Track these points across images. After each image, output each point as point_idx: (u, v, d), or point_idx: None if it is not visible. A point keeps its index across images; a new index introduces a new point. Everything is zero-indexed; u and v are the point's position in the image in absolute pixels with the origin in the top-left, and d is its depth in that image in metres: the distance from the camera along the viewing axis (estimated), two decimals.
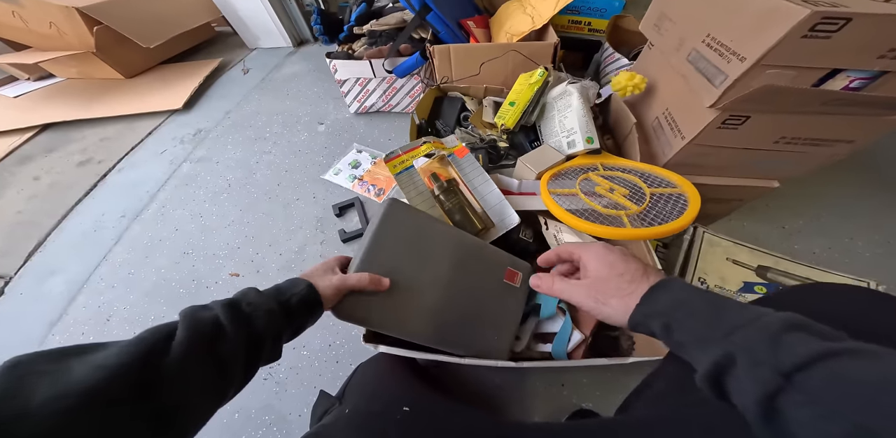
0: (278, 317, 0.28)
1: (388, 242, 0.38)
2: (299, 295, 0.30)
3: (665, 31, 0.61)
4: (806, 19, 0.33)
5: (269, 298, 0.29)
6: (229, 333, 0.25)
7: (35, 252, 0.87)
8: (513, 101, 0.65)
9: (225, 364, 0.24)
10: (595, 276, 0.27)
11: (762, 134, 0.50)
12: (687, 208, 0.41)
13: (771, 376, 0.16)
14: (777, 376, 0.16)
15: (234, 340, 0.25)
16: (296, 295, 0.30)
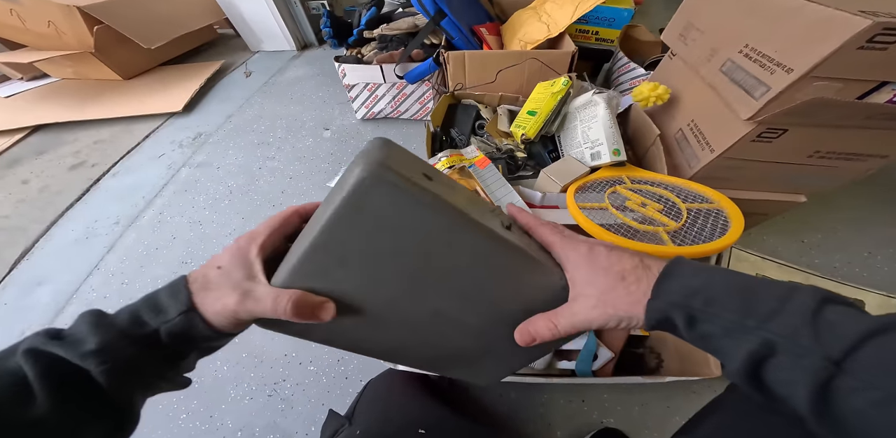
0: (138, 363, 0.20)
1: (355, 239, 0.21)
2: (168, 326, 0.20)
3: (692, 41, 0.59)
4: (866, 30, 0.32)
5: (115, 335, 0.20)
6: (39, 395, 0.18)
7: (21, 260, 0.82)
8: (532, 110, 0.63)
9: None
10: (594, 291, 0.22)
11: (797, 148, 0.48)
12: (730, 225, 0.38)
13: (821, 364, 0.15)
14: (828, 363, 0.15)
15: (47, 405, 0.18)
16: (165, 324, 0.20)
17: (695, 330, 0.19)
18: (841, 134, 0.45)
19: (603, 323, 0.21)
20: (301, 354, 0.63)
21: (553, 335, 0.23)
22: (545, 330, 0.23)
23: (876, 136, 0.45)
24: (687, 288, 0.19)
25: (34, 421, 0.17)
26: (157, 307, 0.21)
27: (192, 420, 0.56)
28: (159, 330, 0.20)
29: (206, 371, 0.61)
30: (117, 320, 0.20)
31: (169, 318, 0.20)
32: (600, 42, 1.09)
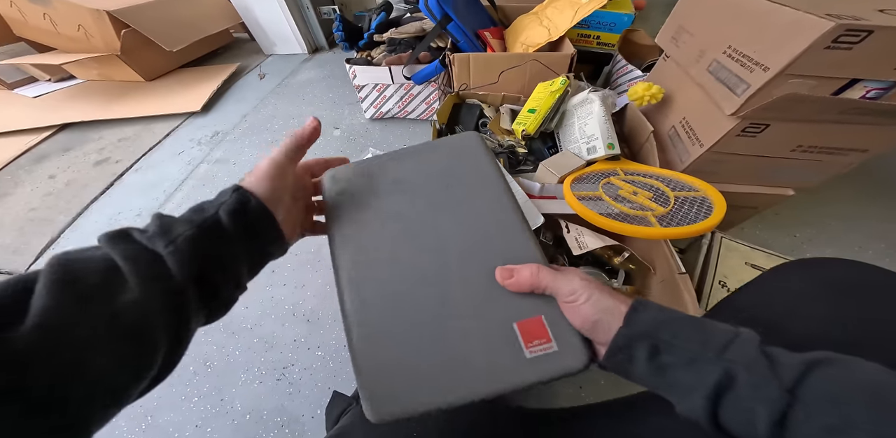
0: (204, 245, 0.20)
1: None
2: (226, 206, 0.21)
3: (683, 43, 0.63)
4: (830, 31, 0.35)
5: (183, 222, 0.20)
6: (130, 279, 0.17)
7: (47, 249, 0.87)
8: (532, 108, 0.66)
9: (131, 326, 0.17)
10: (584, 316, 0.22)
11: (780, 142, 0.51)
12: (713, 210, 0.41)
13: (778, 394, 0.16)
14: (784, 392, 0.16)
15: (141, 288, 0.17)
16: (222, 206, 0.21)
17: (655, 361, 0.19)
18: (820, 128, 0.48)
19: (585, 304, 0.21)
20: (310, 340, 0.66)
21: (530, 279, 0.23)
22: (526, 269, 0.23)
23: (854, 131, 0.48)
24: (656, 320, 0.20)
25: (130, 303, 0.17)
26: (215, 199, 0.23)
27: (204, 402, 0.59)
28: (218, 212, 0.21)
29: (219, 356, 0.64)
30: (182, 213, 0.22)
31: (224, 199, 0.22)
32: (601, 46, 1.13)
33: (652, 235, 0.39)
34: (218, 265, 0.21)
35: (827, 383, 0.16)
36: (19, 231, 0.91)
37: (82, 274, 0.17)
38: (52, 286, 0.16)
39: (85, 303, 0.16)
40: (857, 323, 0.23)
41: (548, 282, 0.23)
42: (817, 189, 0.79)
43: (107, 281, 0.17)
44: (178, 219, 0.21)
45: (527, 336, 0.23)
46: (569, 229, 0.53)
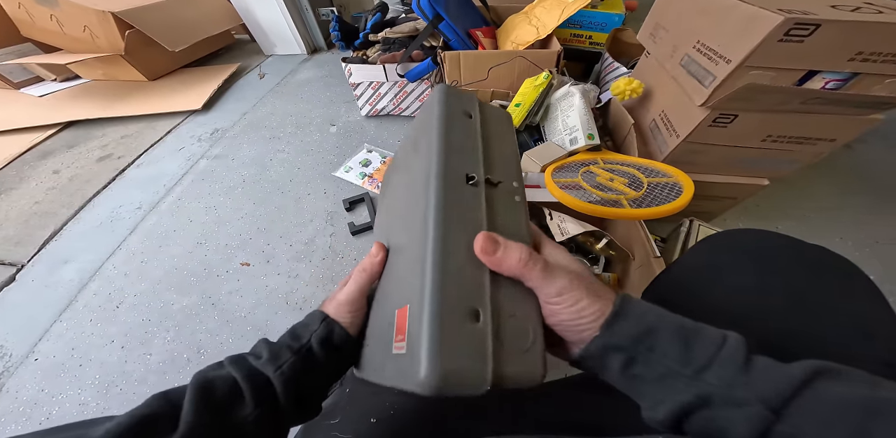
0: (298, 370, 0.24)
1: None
2: (317, 335, 0.25)
3: (660, 39, 0.66)
4: (780, 25, 0.38)
5: (286, 349, 0.24)
6: (247, 396, 0.22)
7: (50, 241, 0.89)
8: (519, 103, 0.69)
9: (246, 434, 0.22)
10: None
11: (750, 132, 0.54)
12: (682, 192, 0.44)
13: (760, 413, 0.15)
14: (767, 412, 0.15)
15: (252, 404, 0.22)
16: (314, 334, 0.25)
17: (628, 371, 0.19)
18: (787, 119, 0.51)
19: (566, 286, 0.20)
20: None
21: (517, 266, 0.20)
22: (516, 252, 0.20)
23: (820, 121, 0.50)
24: (636, 330, 0.19)
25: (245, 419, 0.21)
26: (306, 324, 0.26)
27: None
28: (311, 339, 0.25)
29: (212, 344, 0.66)
30: (281, 338, 0.26)
31: (315, 328, 0.26)
32: (593, 45, 1.16)
33: (624, 216, 0.42)
34: (313, 382, 0.25)
35: (820, 402, 0.15)
36: (24, 224, 0.94)
37: (216, 392, 0.22)
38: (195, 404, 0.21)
39: (216, 415, 0.21)
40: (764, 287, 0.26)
41: (535, 279, 0.20)
42: (797, 181, 0.82)
43: (232, 397, 0.22)
44: (282, 346, 0.25)
45: (399, 326, 0.20)
46: (552, 216, 0.56)
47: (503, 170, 0.24)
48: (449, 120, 0.25)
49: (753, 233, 0.29)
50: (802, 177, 0.62)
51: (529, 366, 0.18)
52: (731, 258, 0.28)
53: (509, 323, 0.19)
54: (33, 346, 0.68)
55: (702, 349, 0.18)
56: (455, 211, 0.21)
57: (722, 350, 0.17)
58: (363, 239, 0.82)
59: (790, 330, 0.24)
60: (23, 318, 0.73)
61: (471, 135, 0.25)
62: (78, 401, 0.59)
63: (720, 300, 0.27)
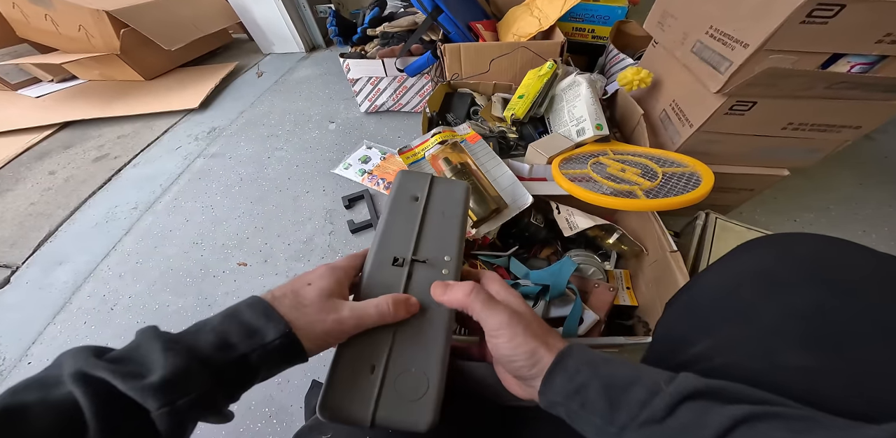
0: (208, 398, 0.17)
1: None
2: (266, 350, 0.19)
3: (668, 27, 0.63)
4: (803, 5, 0.35)
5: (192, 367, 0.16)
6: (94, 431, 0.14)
7: (45, 242, 0.87)
8: (522, 94, 0.67)
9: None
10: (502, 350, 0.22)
11: (770, 120, 0.51)
12: (701, 182, 0.41)
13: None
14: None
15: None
16: (260, 348, 0.19)
17: (575, 425, 0.20)
18: (809, 105, 0.48)
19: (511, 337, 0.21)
20: None
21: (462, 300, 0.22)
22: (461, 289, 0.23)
23: (845, 107, 0.48)
24: (567, 388, 0.20)
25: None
26: (249, 329, 0.18)
27: None
28: (249, 355, 0.18)
29: None
30: (197, 342, 0.17)
31: (266, 341, 0.18)
32: (596, 39, 1.13)
33: (638, 207, 0.39)
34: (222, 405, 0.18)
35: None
36: (19, 225, 0.92)
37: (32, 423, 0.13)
38: None
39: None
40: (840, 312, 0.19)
41: (477, 311, 0.22)
42: (816, 173, 0.79)
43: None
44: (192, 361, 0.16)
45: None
46: (559, 210, 0.53)
47: (435, 247, 0.29)
48: (395, 207, 0.31)
49: (811, 239, 0.23)
50: (821, 168, 0.60)
51: (414, 415, 0.22)
52: (785, 270, 0.22)
53: (402, 377, 0.23)
54: (27, 349, 0.66)
55: (626, 408, 0.18)
56: (376, 286, 0.26)
57: (644, 410, 0.17)
58: (363, 237, 0.79)
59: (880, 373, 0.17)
60: (17, 321, 0.71)
61: (411, 218, 0.30)
62: None
63: (773, 321, 0.21)
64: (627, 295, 0.53)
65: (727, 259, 0.26)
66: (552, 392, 0.20)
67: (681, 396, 0.17)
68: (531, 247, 0.60)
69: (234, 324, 0.19)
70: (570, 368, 0.20)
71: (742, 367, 0.20)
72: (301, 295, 0.21)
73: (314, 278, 0.23)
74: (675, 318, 0.28)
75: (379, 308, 0.23)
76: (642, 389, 0.18)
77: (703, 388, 0.17)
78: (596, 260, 0.55)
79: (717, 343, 0.22)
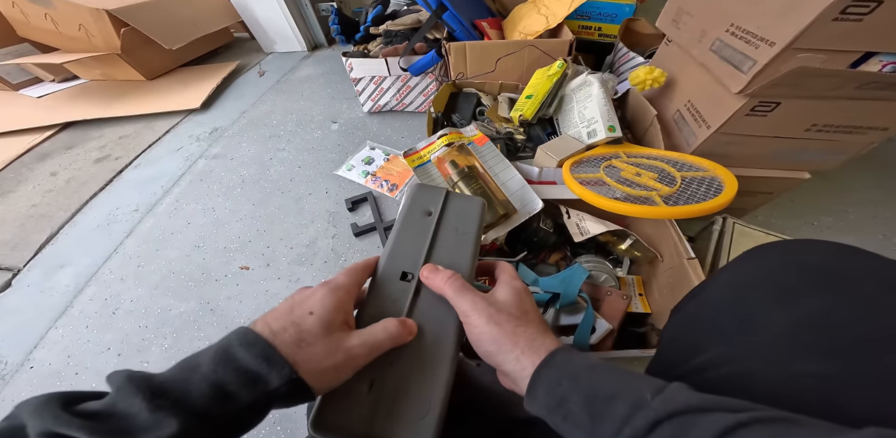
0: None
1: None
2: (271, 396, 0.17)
3: (683, 25, 0.61)
4: (837, 1, 0.33)
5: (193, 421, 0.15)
6: None
7: (46, 244, 0.87)
8: (530, 94, 0.65)
9: None
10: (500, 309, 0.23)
11: (793, 121, 0.49)
12: (724, 188, 0.39)
13: None
14: None
15: None
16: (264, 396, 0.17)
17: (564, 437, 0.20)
18: (836, 106, 0.46)
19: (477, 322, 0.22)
20: None
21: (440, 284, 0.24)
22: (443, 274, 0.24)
23: (872, 108, 0.45)
24: (549, 401, 0.20)
25: None
26: (249, 375, 0.16)
27: None
28: (252, 405, 0.16)
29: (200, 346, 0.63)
30: (189, 394, 0.15)
31: (271, 389, 0.16)
32: (603, 37, 1.11)
33: (658, 215, 0.37)
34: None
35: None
36: (20, 227, 0.91)
37: None
38: None
39: None
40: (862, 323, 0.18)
41: (451, 295, 0.24)
42: (834, 175, 0.77)
43: None
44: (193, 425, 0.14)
45: None
46: (569, 215, 0.51)
47: (446, 264, 0.28)
48: (407, 221, 0.30)
49: (822, 246, 0.22)
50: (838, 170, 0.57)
51: (418, 434, 0.21)
52: (798, 278, 0.21)
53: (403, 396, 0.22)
54: (29, 353, 0.66)
55: (609, 423, 0.17)
56: (383, 301, 0.25)
57: (625, 426, 0.17)
58: (366, 240, 0.78)
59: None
60: (18, 325, 0.70)
61: (422, 233, 0.29)
62: None
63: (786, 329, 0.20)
64: (640, 302, 0.51)
65: (735, 265, 0.25)
66: (535, 405, 0.20)
67: (665, 413, 0.16)
68: (540, 253, 0.58)
69: (230, 371, 0.16)
70: (552, 379, 0.20)
71: (755, 375, 0.19)
72: (304, 330, 0.19)
73: (315, 305, 0.20)
74: (682, 325, 0.27)
75: (389, 331, 0.22)
76: (624, 404, 0.17)
77: (693, 403, 0.16)
78: (608, 267, 0.53)
79: (726, 351, 0.21)
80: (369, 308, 0.25)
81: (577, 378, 0.19)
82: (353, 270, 0.25)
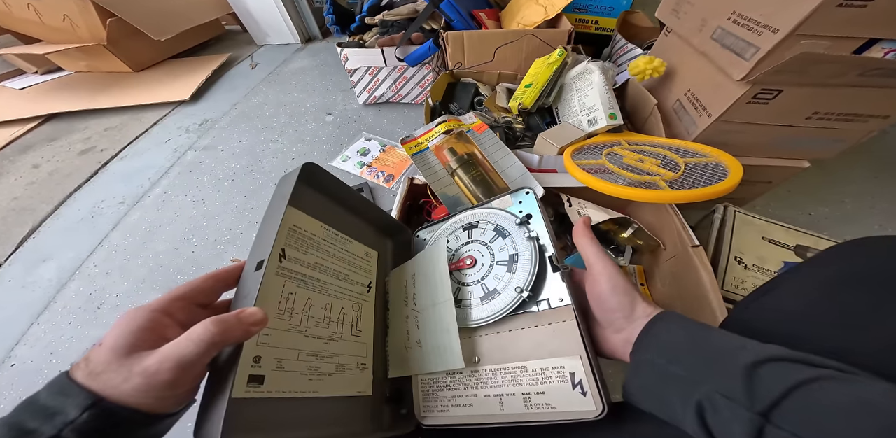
0: None
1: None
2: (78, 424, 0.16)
3: (684, 14, 0.60)
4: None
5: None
6: None
7: (28, 238, 0.83)
8: (529, 83, 0.63)
9: None
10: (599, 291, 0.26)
11: (794, 109, 0.48)
12: (728, 173, 0.38)
13: (751, 416, 0.16)
14: (755, 415, 0.16)
15: None
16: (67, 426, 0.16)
17: (658, 386, 0.21)
18: (838, 93, 0.45)
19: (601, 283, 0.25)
20: None
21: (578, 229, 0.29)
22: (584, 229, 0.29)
23: (874, 95, 0.45)
24: (658, 347, 0.22)
25: None
26: (46, 411, 0.16)
27: None
28: (60, 435, 0.15)
29: None
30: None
31: (70, 419, 0.16)
32: (600, 31, 1.10)
33: (664, 199, 0.36)
34: None
35: (804, 405, 0.16)
36: (1, 220, 0.88)
37: None
38: None
39: None
40: None
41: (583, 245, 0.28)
42: (831, 166, 0.77)
43: None
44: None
45: None
46: (571, 203, 0.50)
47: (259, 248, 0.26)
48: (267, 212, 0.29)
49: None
50: (835, 162, 0.58)
51: None
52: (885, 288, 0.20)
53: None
54: (10, 351, 0.63)
55: (716, 362, 0.19)
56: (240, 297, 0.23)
57: (730, 358, 0.19)
58: None
59: None
60: None
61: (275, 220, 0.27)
62: None
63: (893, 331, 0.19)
64: (642, 291, 0.51)
65: (816, 262, 0.25)
66: (644, 349, 0.22)
67: (766, 357, 0.18)
68: None
69: (28, 411, 0.16)
70: (669, 327, 0.22)
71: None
72: (91, 361, 0.17)
73: (107, 335, 0.18)
74: (758, 319, 0.25)
75: (196, 336, 0.18)
76: (726, 347, 0.19)
77: (776, 354, 0.18)
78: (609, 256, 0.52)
79: (828, 346, 0.20)
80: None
81: (683, 329, 0.22)
82: (203, 277, 0.23)
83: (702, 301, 0.39)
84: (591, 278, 0.26)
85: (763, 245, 0.48)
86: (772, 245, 0.48)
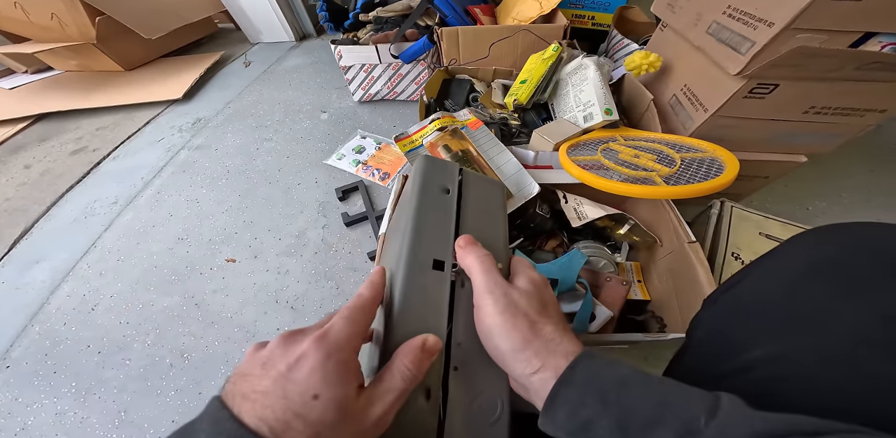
0: None
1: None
2: None
3: (679, 9, 0.60)
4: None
5: None
6: None
7: (20, 239, 0.82)
8: (525, 79, 0.63)
9: None
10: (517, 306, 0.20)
11: (791, 103, 0.48)
12: (725, 168, 0.38)
13: None
14: None
15: None
16: None
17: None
18: (834, 87, 0.45)
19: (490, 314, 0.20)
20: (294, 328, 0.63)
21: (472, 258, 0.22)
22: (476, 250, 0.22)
23: (871, 89, 0.45)
24: (571, 424, 0.17)
25: None
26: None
27: (181, 396, 0.55)
28: None
29: (196, 347, 0.60)
30: None
31: None
32: (596, 26, 1.10)
33: (659, 194, 0.36)
34: None
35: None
36: None
37: None
38: None
39: None
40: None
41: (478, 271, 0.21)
42: (828, 160, 0.77)
43: None
44: None
45: None
46: (567, 199, 0.50)
47: None
48: (424, 198, 0.25)
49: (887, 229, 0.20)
50: (831, 156, 0.58)
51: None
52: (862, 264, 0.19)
53: (472, 398, 0.20)
54: (4, 353, 0.62)
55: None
56: (419, 293, 0.21)
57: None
58: (358, 230, 0.76)
59: None
60: None
61: (445, 213, 0.25)
62: (54, 410, 0.55)
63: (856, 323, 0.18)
64: (639, 288, 0.50)
65: (779, 253, 0.23)
66: (553, 427, 0.17)
67: (686, 431, 0.14)
68: (536, 239, 0.57)
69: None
70: (573, 400, 0.17)
71: (816, 377, 0.17)
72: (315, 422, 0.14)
73: (317, 383, 0.15)
74: (721, 318, 0.24)
75: (402, 374, 0.17)
76: (670, 431, 0.15)
77: (759, 430, 0.14)
78: (606, 252, 0.52)
79: (783, 347, 0.19)
80: (399, 306, 0.20)
81: (605, 399, 0.16)
82: (352, 313, 0.19)
83: (698, 297, 0.38)
84: (479, 317, 0.21)
85: (760, 240, 0.48)
86: (769, 240, 0.48)
